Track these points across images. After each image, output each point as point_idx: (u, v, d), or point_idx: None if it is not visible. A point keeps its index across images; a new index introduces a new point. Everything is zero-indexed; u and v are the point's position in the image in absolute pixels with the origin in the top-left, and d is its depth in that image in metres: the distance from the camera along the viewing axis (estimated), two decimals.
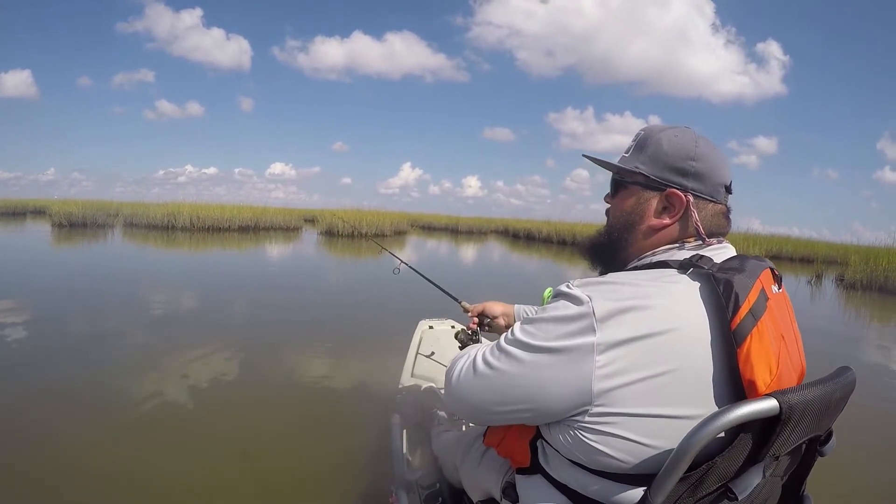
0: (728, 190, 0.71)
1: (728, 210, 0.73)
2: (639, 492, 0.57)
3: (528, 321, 0.64)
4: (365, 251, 11.38)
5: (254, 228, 15.54)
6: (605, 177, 0.80)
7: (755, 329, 0.55)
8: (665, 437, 0.56)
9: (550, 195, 70.55)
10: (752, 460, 0.55)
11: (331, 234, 15.00)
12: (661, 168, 0.70)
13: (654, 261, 0.69)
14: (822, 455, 0.65)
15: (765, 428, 0.53)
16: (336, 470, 1.91)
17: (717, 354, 0.56)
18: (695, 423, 0.54)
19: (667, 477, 0.53)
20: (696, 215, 0.68)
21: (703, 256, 0.63)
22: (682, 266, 0.62)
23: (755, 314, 0.56)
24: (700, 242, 0.69)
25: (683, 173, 0.69)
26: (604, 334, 0.57)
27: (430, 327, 2.30)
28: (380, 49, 67.15)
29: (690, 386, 0.56)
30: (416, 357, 2.00)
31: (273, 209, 18.32)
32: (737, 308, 0.56)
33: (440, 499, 1.14)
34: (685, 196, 0.69)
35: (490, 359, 0.67)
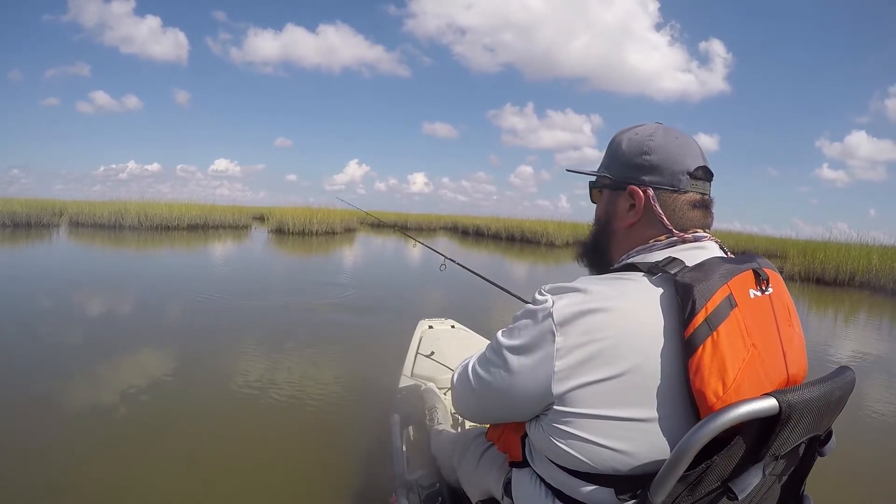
0: (694, 176, 0.70)
1: (705, 199, 0.72)
2: (604, 491, 0.59)
3: (506, 329, 0.69)
4: (339, 244, 11.09)
5: (203, 227, 15.26)
6: (551, 174, 0.83)
7: (709, 339, 0.55)
8: (619, 439, 0.58)
9: (497, 191, 69.78)
10: (751, 460, 0.55)
11: (281, 231, 14.88)
12: (620, 168, 0.73)
13: (626, 263, 0.69)
14: (822, 455, 0.65)
15: (764, 427, 0.53)
16: (336, 470, 1.91)
17: (671, 362, 0.56)
18: (646, 425, 0.56)
19: (666, 476, 0.53)
20: (657, 208, 0.69)
21: (674, 259, 0.62)
22: (651, 270, 0.62)
23: (711, 323, 0.55)
24: (674, 239, 0.68)
25: (639, 168, 0.71)
26: (562, 338, 0.59)
27: (430, 327, 2.30)
28: (315, 42, 65.53)
29: (643, 390, 0.57)
30: (415, 357, 2.00)
31: (221, 207, 17.79)
32: (692, 316, 0.55)
33: (440, 499, 1.14)
34: (643, 190, 0.70)
35: (477, 367, 0.73)
